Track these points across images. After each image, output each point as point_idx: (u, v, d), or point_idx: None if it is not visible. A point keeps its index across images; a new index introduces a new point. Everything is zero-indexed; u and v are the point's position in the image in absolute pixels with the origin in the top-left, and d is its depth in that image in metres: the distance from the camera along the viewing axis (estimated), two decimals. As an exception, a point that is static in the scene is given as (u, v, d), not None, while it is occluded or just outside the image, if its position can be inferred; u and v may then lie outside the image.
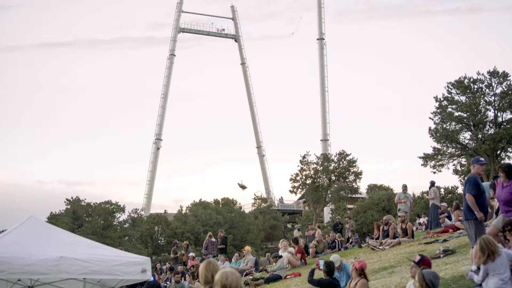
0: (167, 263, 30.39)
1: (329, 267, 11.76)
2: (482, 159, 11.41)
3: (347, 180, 60.95)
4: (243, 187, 78.85)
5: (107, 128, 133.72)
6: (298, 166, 61.46)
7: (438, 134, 49.61)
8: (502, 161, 42.61)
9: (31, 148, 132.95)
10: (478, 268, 9.05)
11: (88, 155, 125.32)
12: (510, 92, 47.54)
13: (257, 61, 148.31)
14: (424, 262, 9.06)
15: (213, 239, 28.49)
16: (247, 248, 25.96)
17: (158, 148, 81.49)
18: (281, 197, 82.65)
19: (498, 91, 48.34)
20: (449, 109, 49.75)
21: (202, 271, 6.96)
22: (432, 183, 26.52)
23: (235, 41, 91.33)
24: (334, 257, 13.53)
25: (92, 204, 54.71)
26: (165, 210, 70.75)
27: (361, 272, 10.62)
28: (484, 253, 8.91)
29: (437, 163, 51.01)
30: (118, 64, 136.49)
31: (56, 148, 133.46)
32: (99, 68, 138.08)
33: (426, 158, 51.23)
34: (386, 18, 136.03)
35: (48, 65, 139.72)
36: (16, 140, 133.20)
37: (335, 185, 60.52)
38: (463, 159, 50.86)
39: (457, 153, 50.72)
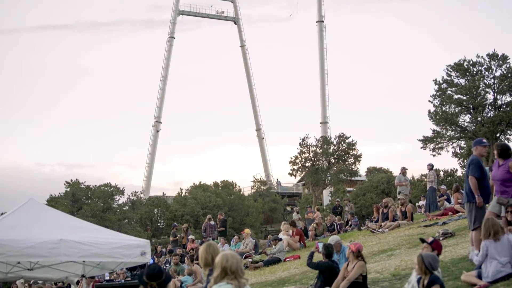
0: (168, 246, 30.42)
1: (328, 250, 11.76)
2: (484, 140, 11.37)
3: (346, 162, 61.02)
4: None
5: (106, 111, 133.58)
6: (297, 148, 61.59)
7: (437, 117, 49.59)
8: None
9: (30, 131, 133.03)
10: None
11: (88, 138, 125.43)
12: (509, 75, 47.48)
13: (256, 43, 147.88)
14: (436, 244, 9.12)
15: (212, 222, 28.49)
16: (247, 230, 25.96)
17: (158, 131, 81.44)
18: (277, 179, 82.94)
19: (497, 73, 48.32)
20: (449, 92, 49.69)
21: (202, 253, 6.94)
22: (432, 166, 26.57)
23: (235, 23, 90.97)
24: (332, 238, 13.53)
25: (91, 186, 54.56)
26: (163, 193, 70.87)
27: (358, 254, 10.61)
28: (487, 231, 8.95)
29: (437, 146, 51.06)
30: (118, 46, 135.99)
31: (55, 131, 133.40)
32: (98, 50, 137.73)
33: (425, 141, 51.26)
34: (385, 1, 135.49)
35: (47, 47, 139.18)
36: (16, 123, 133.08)
37: (335, 168, 60.57)
38: (463, 142, 50.85)
39: (456, 135, 50.73)
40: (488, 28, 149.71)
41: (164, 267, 24.51)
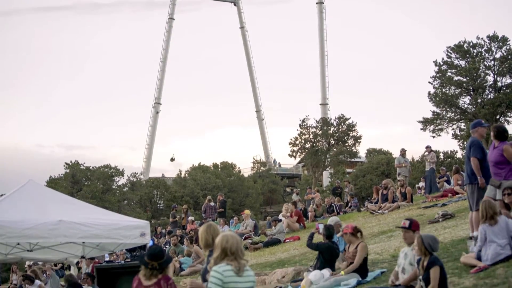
0: (168, 227, 30.46)
1: (328, 231, 11.73)
2: (483, 121, 11.36)
3: (346, 144, 61.04)
4: (172, 159, 79.72)
5: (106, 92, 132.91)
6: (297, 130, 61.60)
7: (437, 99, 49.42)
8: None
9: (30, 112, 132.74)
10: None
11: (88, 119, 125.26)
12: (509, 57, 47.25)
13: (256, 25, 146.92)
14: (415, 226, 9.00)
15: (212, 203, 28.51)
16: (246, 212, 26.00)
17: (157, 112, 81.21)
18: (274, 159, 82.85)
19: (497, 55, 48.04)
20: (449, 74, 49.48)
21: (202, 234, 6.91)
22: (430, 148, 26.57)
23: (234, 5, 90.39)
24: (332, 219, 13.53)
25: (91, 168, 54.54)
26: (163, 174, 70.90)
27: (357, 230, 10.56)
28: (484, 215, 8.94)
29: (436, 128, 50.91)
30: (118, 28, 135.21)
31: (56, 112, 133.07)
32: (99, 32, 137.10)
33: (425, 122, 51.12)
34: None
35: (47, 30, 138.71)
36: (16, 104, 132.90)
37: (334, 149, 60.61)
38: (463, 124, 50.75)
39: (456, 117, 50.58)
40: (489, 9, 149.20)
41: (164, 248, 24.56)
